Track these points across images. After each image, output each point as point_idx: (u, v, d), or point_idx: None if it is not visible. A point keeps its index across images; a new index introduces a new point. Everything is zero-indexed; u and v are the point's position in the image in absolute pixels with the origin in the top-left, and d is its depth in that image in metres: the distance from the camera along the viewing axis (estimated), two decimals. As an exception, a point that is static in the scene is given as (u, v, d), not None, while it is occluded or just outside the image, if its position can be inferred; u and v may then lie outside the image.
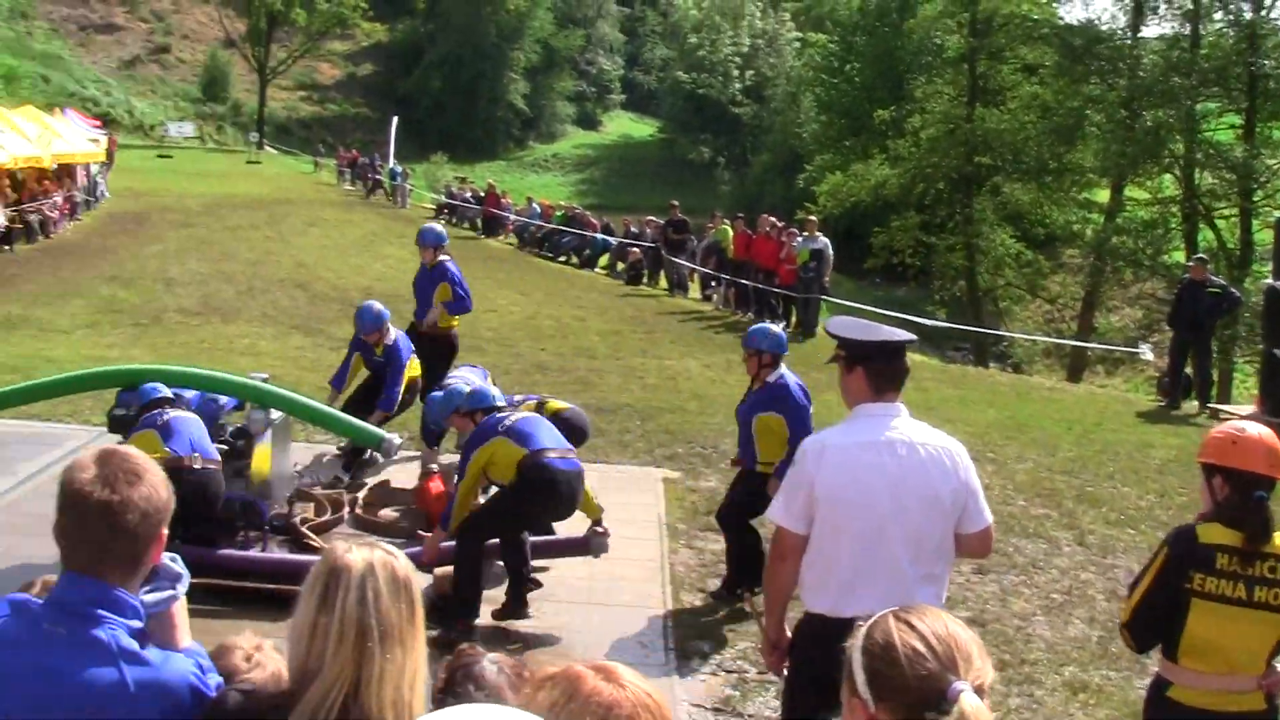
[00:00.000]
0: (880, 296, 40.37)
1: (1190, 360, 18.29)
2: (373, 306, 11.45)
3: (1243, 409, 17.65)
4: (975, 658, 2.20)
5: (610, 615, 8.51)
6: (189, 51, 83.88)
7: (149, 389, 8.52)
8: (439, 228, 13.44)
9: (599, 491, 8.97)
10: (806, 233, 24.41)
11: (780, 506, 4.87)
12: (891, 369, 4.82)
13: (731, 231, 27.77)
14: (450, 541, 8.30)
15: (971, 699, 2.12)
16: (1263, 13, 38.35)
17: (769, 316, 24.67)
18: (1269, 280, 17.93)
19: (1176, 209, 38.35)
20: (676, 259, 29.91)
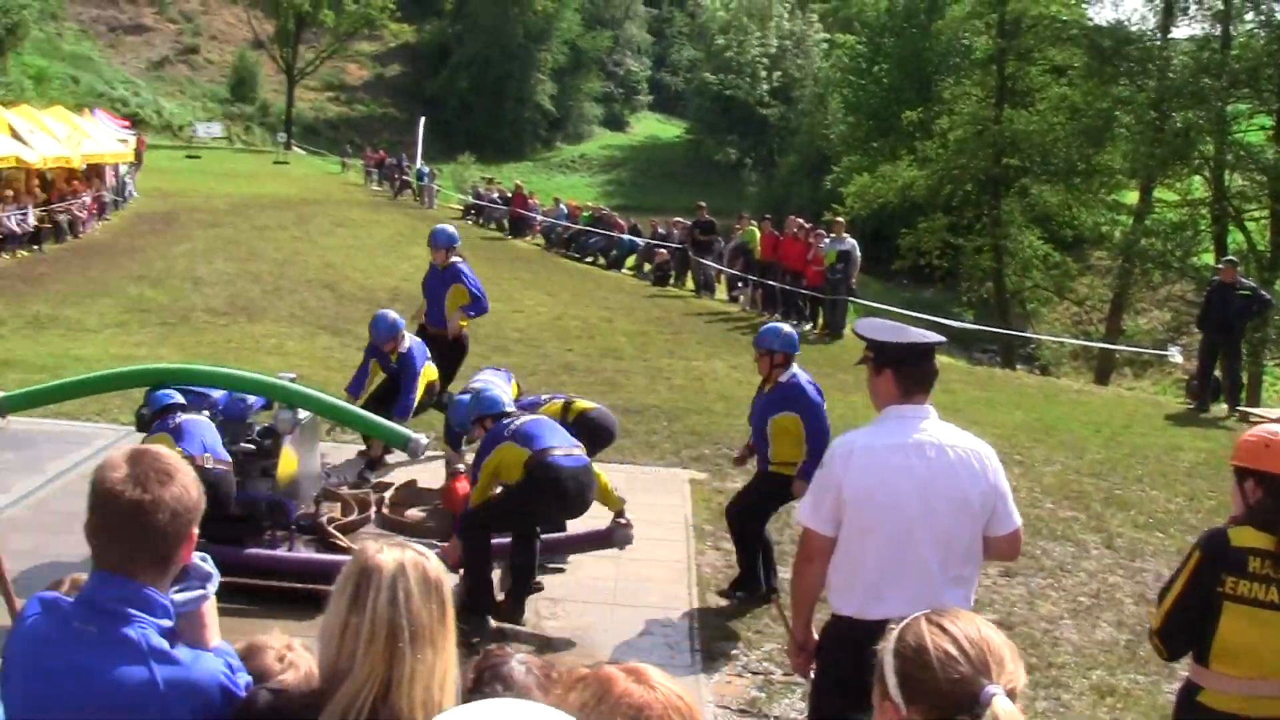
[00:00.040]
0: (907, 298, 40.35)
1: (1220, 363, 18.22)
2: (387, 316, 11.41)
3: (1273, 412, 17.58)
4: (1008, 661, 2.19)
5: (636, 616, 8.51)
6: (217, 52, 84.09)
7: (162, 395, 8.54)
8: (450, 228, 13.36)
9: (626, 492, 8.96)
10: (834, 234, 24.37)
11: (808, 508, 4.86)
12: (920, 371, 4.80)
13: (759, 233, 27.75)
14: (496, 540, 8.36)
15: (1004, 703, 2.11)
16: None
17: (795, 318, 24.71)
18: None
19: (1206, 211, 38.12)
20: (703, 260, 29.88)
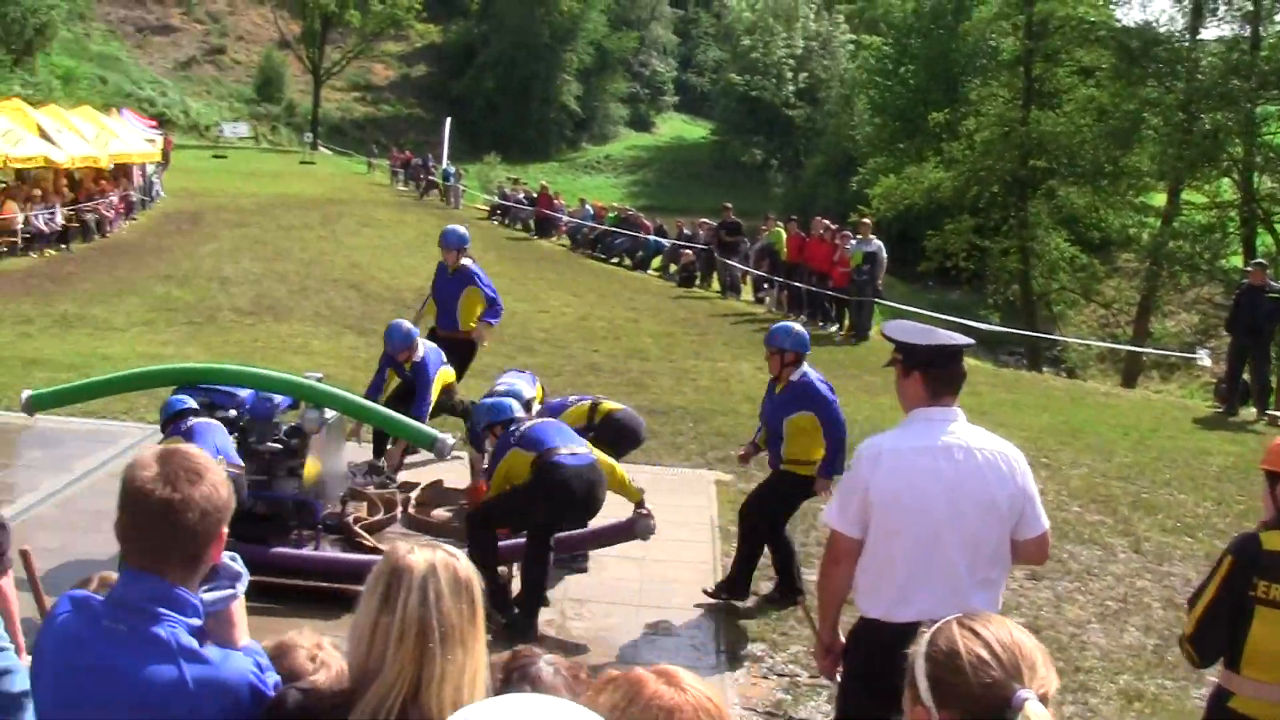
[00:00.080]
0: (933, 300, 40.27)
1: (1248, 366, 18.12)
2: (401, 325, 11.35)
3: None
4: (1040, 666, 2.18)
5: (661, 617, 8.51)
6: (244, 53, 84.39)
7: (174, 401, 8.56)
8: (462, 229, 13.28)
9: (651, 493, 8.94)
10: (860, 235, 24.29)
11: (835, 510, 4.85)
12: (949, 373, 4.79)
13: (785, 234, 27.74)
14: (508, 541, 8.36)
15: (1036, 707, 2.10)
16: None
17: (821, 319, 24.68)
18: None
19: (1235, 213, 37.89)
20: (729, 261, 29.85)
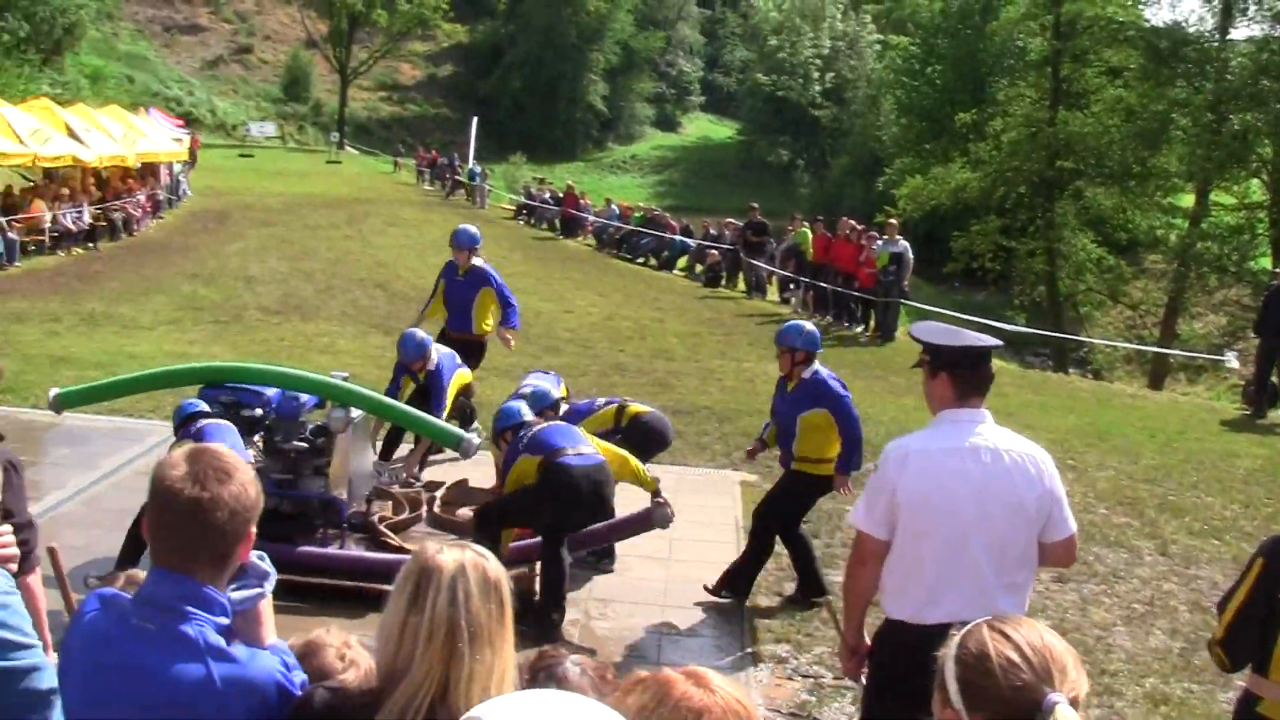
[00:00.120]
0: (960, 301, 40.16)
1: (1277, 368, 18.02)
2: (414, 335, 11.25)
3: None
4: (1070, 669, 2.17)
5: (686, 618, 8.51)
6: (271, 52, 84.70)
7: (186, 404, 8.56)
8: (474, 229, 13.16)
9: (675, 493, 8.95)
10: (886, 236, 24.24)
11: (861, 511, 4.84)
12: (976, 375, 4.77)
13: (811, 234, 27.68)
14: (522, 541, 8.37)
15: (1067, 711, 2.09)
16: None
17: (847, 320, 24.64)
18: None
19: (1264, 214, 37.74)
20: (755, 261, 29.80)
